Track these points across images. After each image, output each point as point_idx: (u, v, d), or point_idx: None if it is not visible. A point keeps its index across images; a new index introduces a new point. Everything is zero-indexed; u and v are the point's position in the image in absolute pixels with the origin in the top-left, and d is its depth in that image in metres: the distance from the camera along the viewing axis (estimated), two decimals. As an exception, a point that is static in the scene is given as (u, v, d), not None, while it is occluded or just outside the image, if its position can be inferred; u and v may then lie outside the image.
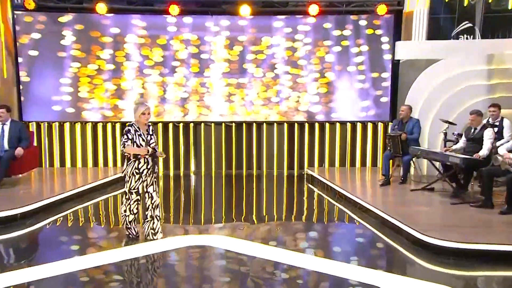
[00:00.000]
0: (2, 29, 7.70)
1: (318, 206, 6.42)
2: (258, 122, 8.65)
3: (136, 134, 4.29)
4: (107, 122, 8.45)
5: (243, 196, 7.05)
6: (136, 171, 4.31)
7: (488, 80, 7.42)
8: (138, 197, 4.39)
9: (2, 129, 6.44)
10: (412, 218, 4.89)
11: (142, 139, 4.31)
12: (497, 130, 6.02)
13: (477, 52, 7.63)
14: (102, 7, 7.92)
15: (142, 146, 4.27)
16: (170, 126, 8.61)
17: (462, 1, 8.13)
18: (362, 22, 8.37)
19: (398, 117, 7.40)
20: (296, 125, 8.69)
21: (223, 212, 6.01)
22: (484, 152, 5.61)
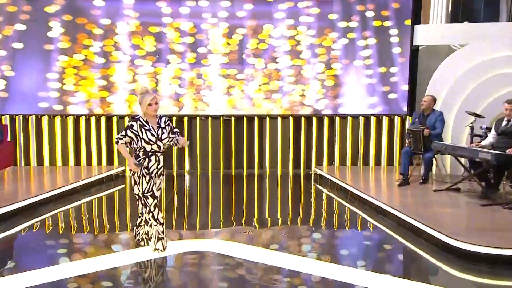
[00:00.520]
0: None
1: (333, 210, 6.33)
2: (260, 115, 8.56)
3: (143, 130, 4.03)
4: (91, 116, 8.34)
5: (243, 198, 6.98)
6: (145, 171, 4.07)
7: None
8: (156, 200, 4.11)
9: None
10: (437, 221, 4.81)
11: (152, 134, 4.05)
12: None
13: (508, 35, 7.50)
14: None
15: (151, 142, 4.04)
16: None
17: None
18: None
19: (419, 109, 7.27)
20: (302, 119, 8.57)
21: (221, 215, 5.93)
22: (519, 147, 5.53)
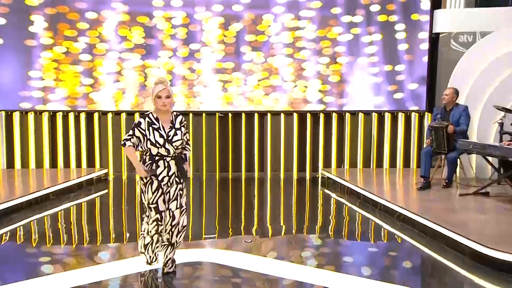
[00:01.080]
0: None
1: (343, 217, 6.29)
2: (261, 112, 8.49)
3: (150, 128, 3.66)
4: (69, 112, 8.27)
5: (242, 204, 6.96)
6: (153, 177, 3.76)
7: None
8: (158, 215, 3.80)
9: None
10: (467, 228, 4.75)
11: (160, 135, 3.67)
12: None
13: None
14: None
15: (158, 145, 3.70)
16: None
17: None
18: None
19: (440, 103, 7.17)
20: (308, 116, 8.51)
21: (216, 223, 5.87)
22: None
